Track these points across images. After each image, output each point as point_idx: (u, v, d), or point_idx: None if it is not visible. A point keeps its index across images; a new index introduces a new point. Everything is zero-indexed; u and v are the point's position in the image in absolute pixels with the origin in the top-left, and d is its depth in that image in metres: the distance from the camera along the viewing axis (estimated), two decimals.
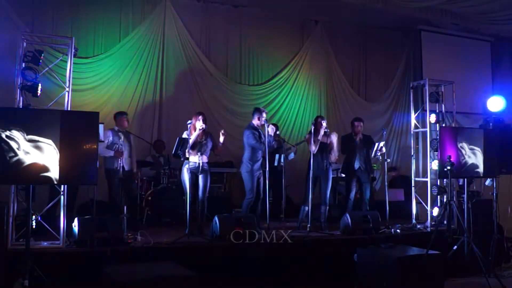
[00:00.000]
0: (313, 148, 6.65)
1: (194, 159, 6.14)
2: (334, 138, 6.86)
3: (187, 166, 6.12)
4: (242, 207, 6.48)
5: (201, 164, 6.14)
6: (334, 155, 6.88)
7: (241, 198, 6.83)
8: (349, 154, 7.31)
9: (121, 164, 6.55)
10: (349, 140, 7.32)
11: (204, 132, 6.23)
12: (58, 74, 5.80)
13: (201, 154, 6.18)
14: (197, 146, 6.16)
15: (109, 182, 6.63)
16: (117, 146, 6.57)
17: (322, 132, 6.70)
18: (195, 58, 8.83)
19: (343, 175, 7.91)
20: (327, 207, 7.00)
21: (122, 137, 6.72)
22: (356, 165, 7.18)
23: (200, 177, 6.20)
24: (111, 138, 6.62)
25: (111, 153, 6.54)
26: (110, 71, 8.19)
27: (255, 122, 6.50)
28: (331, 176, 6.95)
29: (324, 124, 6.77)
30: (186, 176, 6.08)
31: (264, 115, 6.48)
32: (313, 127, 6.69)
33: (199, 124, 6.14)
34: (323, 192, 6.84)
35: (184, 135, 6.15)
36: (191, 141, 6.08)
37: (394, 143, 10.43)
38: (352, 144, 7.24)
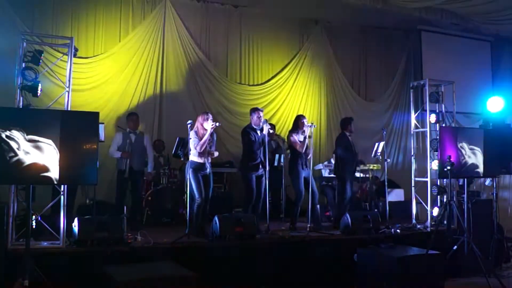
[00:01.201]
0: (302, 149, 6.65)
1: (200, 159, 6.04)
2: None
3: (192, 166, 6.02)
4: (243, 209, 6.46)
5: (206, 165, 6.07)
6: (310, 153, 6.90)
7: (241, 198, 6.83)
8: (346, 155, 7.18)
9: (128, 165, 6.60)
10: (346, 140, 7.24)
11: (211, 132, 6.08)
12: (58, 74, 5.80)
13: (207, 154, 6.09)
14: (207, 147, 6.04)
15: (117, 182, 6.73)
16: (126, 147, 6.64)
17: (307, 130, 6.68)
18: (195, 58, 8.83)
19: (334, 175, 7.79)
20: (318, 206, 7.00)
21: (133, 138, 6.78)
22: (355, 165, 7.17)
23: (206, 177, 6.09)
24: (120, 140, 6.69)
25: (119, 154, 6.63)
26: (110, 71, 8.18)
27: (253, 122, 6.50)
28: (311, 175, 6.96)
29: (306, 122, 6.74)
30: (192, 176, 5.99)
31: (261, 114, 6.47)
32: (307, 130, 6.66)
33: (208, 124, 5.98)
34: (315, 192, 6.79)
35: (192, 135, 6.01)
36: (202, 141, 5.95)
37: (394, 143, 10.43)
38: (351, 144, 7.22)
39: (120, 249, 5.12)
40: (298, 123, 6.84)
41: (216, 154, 6.23)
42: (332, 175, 8.21)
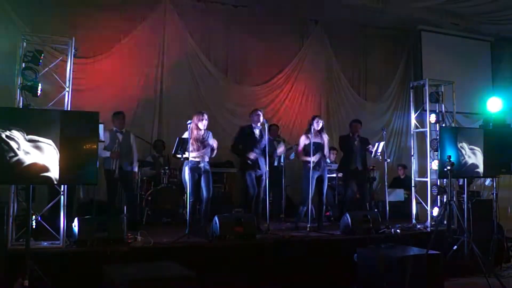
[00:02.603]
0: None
1: (195, 158, 6.07)
2: (325, 139, 6.88)
3: (188, 165, 6.05)
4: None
5: (202, 164, 6.08)
6: (329, 154, 6.87)
7: (241, 198, 6.83)
8: (347, 154, 7.32)
9: (117, 165, 6.55)
10: (348, 140, 7.34)
11: (205, 131, 6.15)
12: (58, 74, 5.80)
13: (203, 154, 6.10)
14: (200, 146, 6.07)
15: (106, 182, 6.66)
16: (115, 146, 6.60)
17: (313, 131, 6.67)
18: (195, 58, 8.83)
19: (341, 175, 7.93)
20: (324, 207, 7.01)
21: (121, 137, 6.73)
22: (353, 165, 7.18)
23: (203, 177, 6.09)
24: (108, 139, 6.64)
25: (107, 154, 6.58)
26: (110, 71, 8.18)
27: (253, 121, 6.50)
28: (326, 175, 6.96)
29: (315, 124, 6.72)
30: (187, 176, 6.02)
31: (259, 113, 6.45)
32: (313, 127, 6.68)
33: (202, 124, 6.05)
34: (321, 192, 6.82)
35: (185, 135, 6.07)
36: (191, 140, 6.00)
37: (395, 143, 10.43)
38: (351, 144, 7.25)
39: (120, 249, 5.11)
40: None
41: (211, 143, 6.15)
42: (332, 175, 8.24)
